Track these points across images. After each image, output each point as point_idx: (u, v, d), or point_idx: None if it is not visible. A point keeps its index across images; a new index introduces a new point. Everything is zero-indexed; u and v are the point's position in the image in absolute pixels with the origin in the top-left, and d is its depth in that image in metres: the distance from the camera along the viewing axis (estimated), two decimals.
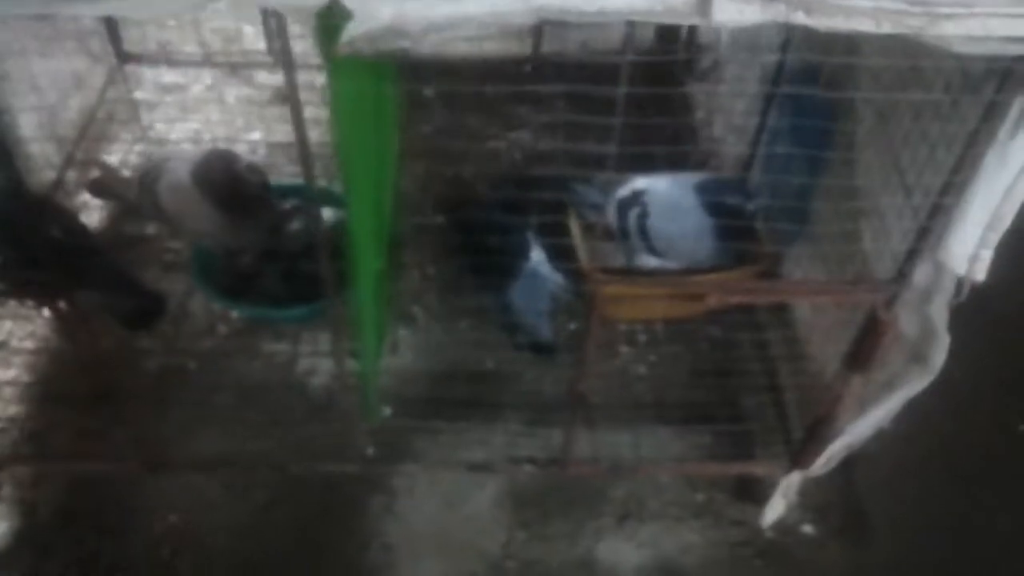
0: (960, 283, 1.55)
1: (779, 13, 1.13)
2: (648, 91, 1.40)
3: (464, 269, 2.69)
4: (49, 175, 2.64)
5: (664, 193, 2.49)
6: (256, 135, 3.15)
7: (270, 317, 2.53)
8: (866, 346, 1.72)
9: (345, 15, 1.21)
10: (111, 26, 2.89)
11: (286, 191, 2.51)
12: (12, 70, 2.48)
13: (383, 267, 2.02)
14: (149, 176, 2.37)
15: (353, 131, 1.54)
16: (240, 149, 2.82)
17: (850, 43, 1.80)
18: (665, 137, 2.67)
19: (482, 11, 1.21)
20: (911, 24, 1.12)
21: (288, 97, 1.30)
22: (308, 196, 1.48)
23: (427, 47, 1.29)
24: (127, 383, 2.16)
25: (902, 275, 1.59)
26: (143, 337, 2.51)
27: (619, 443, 2.29)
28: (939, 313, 1.61)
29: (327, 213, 1.94)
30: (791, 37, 2.23)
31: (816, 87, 2.05)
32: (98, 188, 2.60)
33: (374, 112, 1.74)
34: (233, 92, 3.35)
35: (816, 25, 1.13)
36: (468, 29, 1.23)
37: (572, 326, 2.58)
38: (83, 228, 2.45)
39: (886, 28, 1.12)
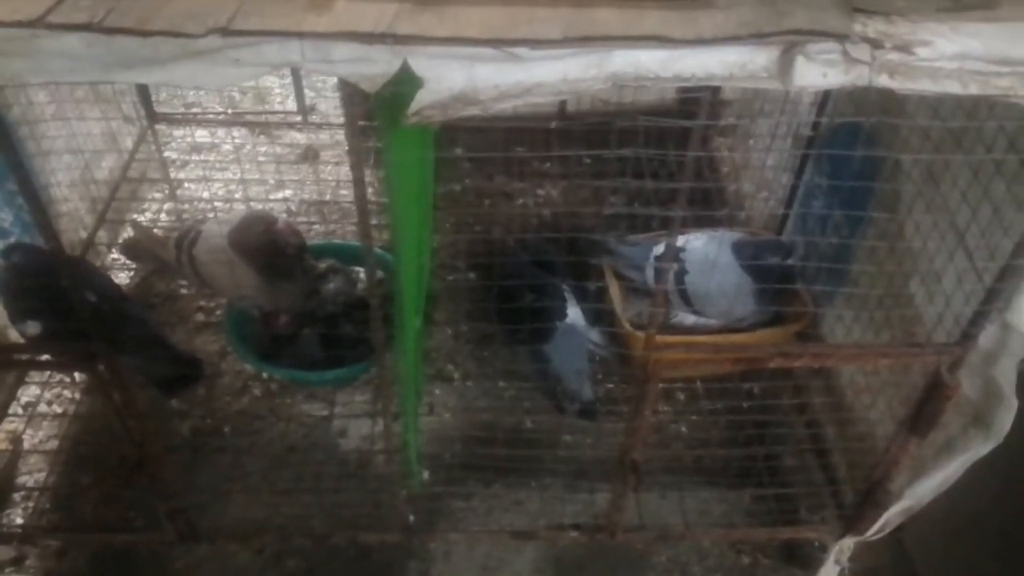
0: None
1: (862, 77, 1.10)
2: (679, 153, 1.35)
3: (498, 327, 2.65)
4: (80, 234, 2.64)
5: (701, 250, 2.46)
6: (286, 193, 3.15)
7: (307, 380, 2.49)
8: (928, 410, 1.67)
9: (416, 84, 1.20)
10: (142, 87, 2.89)
11: (324, 251, 2.50)
12: (47, 131, 2.49)
13: (420, 325, 1.98)
14: (186, 239, 2.35)
15: (405, 195, 1.52)
16: (270, 208, 2.81)
17: (896, 99, 1.78)
18: (691, 194, 2.65)
19: (555, 78, 1.20)
20: (1000, 85, 1.08)
21: (351, 162, 1.29)
22: (363, 258, 1.45)
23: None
24: (159, 447, 2.10)
25: (967, 337, 1.54)
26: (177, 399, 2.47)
27: (662, 505, 2.23)
28: (1006, 376, 1.55)
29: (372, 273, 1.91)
30: (831, 91, 2.22)
31: (856, 143, 2.04)
32: (133, 250, 2.58)
33: (420, 173, 1.72)
34: (262, 150, 3.37)
35: (900, 88, 1.10)
36: (540, 95, 1.21)
37: (610, 385, 2.53)
38: (119, 291, 2.42)
39: (973, 90, 1.09)
